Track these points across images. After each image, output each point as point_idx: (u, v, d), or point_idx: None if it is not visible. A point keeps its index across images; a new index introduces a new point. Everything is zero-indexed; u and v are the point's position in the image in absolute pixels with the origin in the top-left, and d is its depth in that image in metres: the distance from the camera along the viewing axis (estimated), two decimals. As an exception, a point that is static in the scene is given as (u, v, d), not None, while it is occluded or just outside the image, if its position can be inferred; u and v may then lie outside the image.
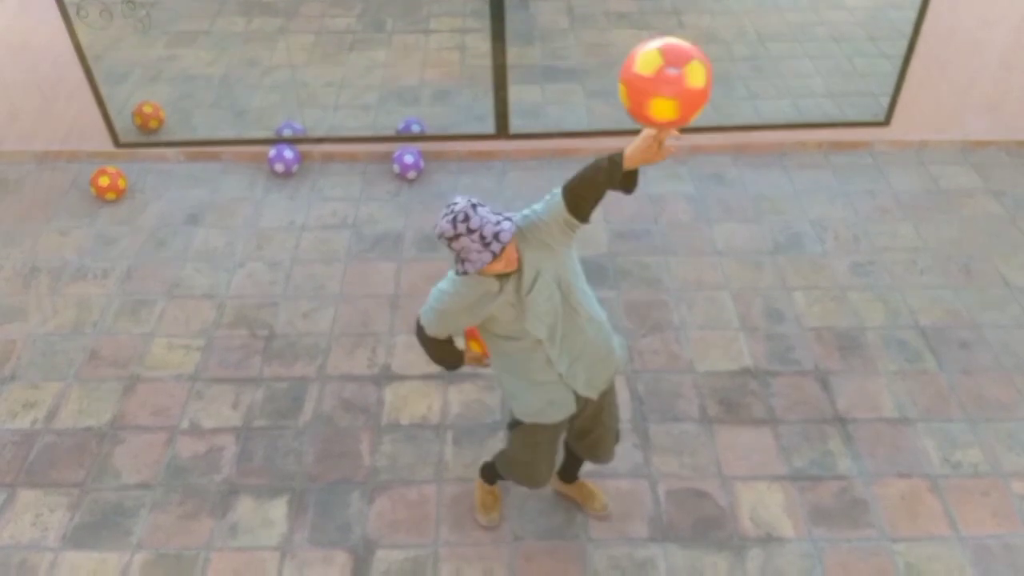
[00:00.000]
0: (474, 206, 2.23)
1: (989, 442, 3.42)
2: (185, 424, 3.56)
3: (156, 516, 3.22)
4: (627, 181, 2.24)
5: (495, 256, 2.20)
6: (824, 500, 3.23)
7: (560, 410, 2.62)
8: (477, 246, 2.20)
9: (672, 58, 1.92)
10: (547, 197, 2.36)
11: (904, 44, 4.74)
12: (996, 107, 4.92)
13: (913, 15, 4.63)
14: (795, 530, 3.14)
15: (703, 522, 3.17)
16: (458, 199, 2.27)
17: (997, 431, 3.46)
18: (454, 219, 2.21)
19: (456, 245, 2.23)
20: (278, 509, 3.24)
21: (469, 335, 2.73)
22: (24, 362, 3.84)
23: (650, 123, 2.02)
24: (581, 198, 2.27)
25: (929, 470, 3.33)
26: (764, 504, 3.22)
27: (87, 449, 3.47)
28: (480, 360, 2.75)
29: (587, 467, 3.30)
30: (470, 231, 2.20)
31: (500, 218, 2.24)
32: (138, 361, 3.84)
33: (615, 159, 2.20)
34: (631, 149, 2.16)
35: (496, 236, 2.20)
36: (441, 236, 2.24)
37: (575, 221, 2.31)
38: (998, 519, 3.15)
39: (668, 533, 3.13)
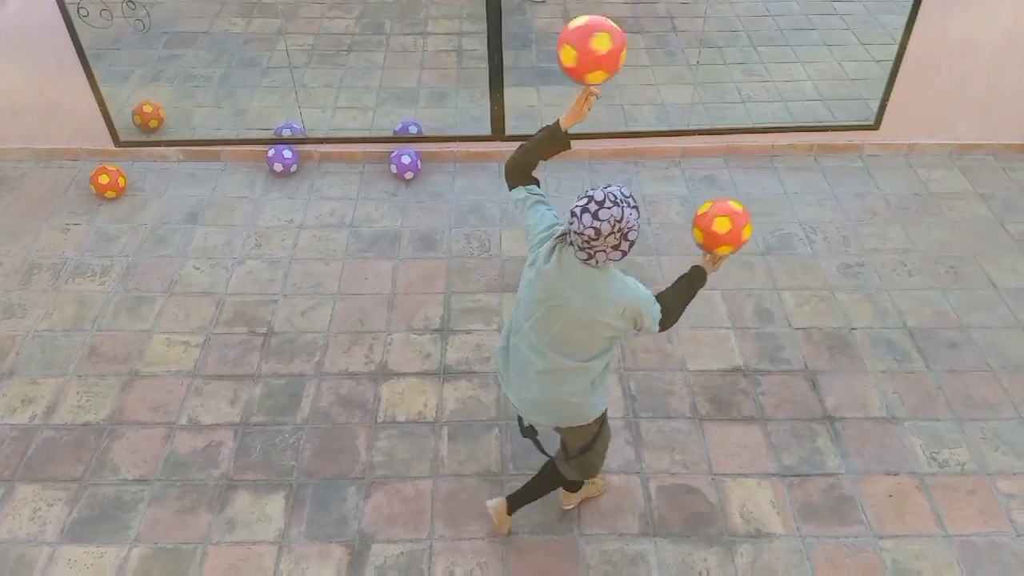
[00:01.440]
0: (618, 188, 2.29)
1: (975, 441, 3.48)
2: (183, 420, 3.61)
3: (154, 510, 3.26)
4: (566, 142, 2.53)
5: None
6: (813, 497, 3.29)
7: None
8: (635, 213, 2.28)
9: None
10: (526, 202, 2.53)
11: (894, 49, 4.81)
12: (985, 111, 4.99)
13: (904, 20, 4.69)
14: (784, 526, 3.19)
15: (694, 518, 3.22)
16: (595, 191, 2.26)
17: (983, 430, 3.52)
18: (624, 197, 2.25)
19: (634, 220, 2.26)
20: (275, 504, 3.28)
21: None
22: (23, 358, 3.88)
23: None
24: (530, 179, 2.58)
25: (916, 468, 3.39)
26: (754, 500, 3.27)
27: (85, 444, 3.50)
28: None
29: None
30: (634, 204, 2.28)
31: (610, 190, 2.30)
32: (137, 357, 3.88)
33: (554, 129, 2.49)
34: (566, 116, 2.47)
35: (632, 196, 2.31)
36: (630, 228, 2.25)
37: None
38: (984, 517, 3.21)
39: (659, 528, 3.18)
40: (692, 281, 2.65)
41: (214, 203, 4.84)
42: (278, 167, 4.98)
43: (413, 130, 5.17)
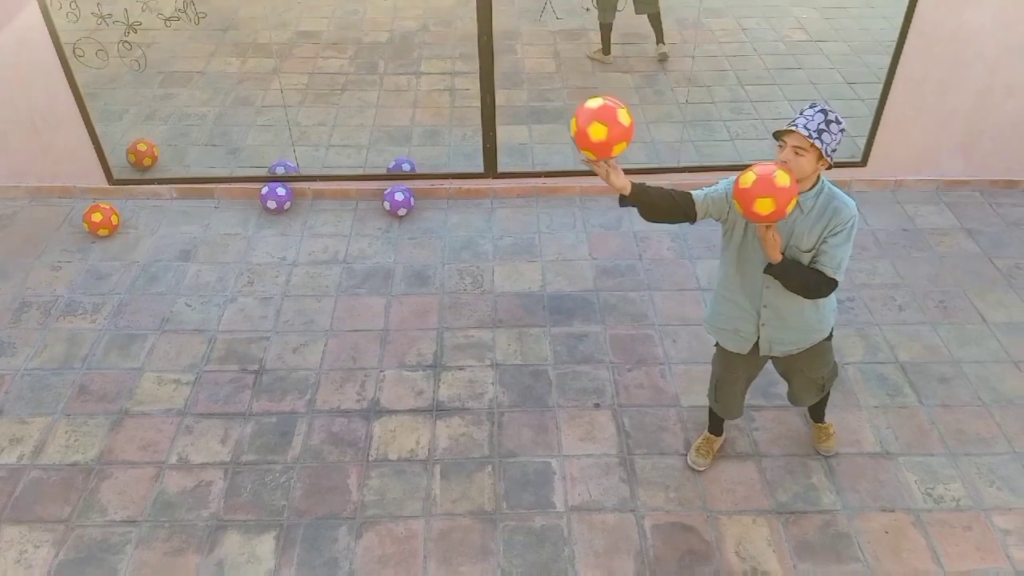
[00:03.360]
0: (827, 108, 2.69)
1: (970, 476, 3.47)
2: (173, 459, 3.56)
3: (142, 552, 3.21)
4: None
5: (782, 132, 2.70)
6: (809, 534, 3.26)
7: (739, 343, 3.13)
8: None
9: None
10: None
11: (879, 88, 4.90)
12: (969, 148, 5.07)
13: (888, 60, 4.80)
14: (780, 564, 3.16)
15: (689, 556, 3.19)
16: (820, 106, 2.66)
17: (978, 465, 3.52)
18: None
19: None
20: (265, 544, 3.23)
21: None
22: (12, 397, 3.84)
23: None
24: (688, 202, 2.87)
25: (912, 504, 3.37)
26: (749, 538, 3.25)
27: (73, 485, 3.46)
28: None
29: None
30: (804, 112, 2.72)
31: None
32: (127, 396, 3.85)
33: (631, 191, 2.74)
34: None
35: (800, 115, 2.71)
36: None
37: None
38: (981, 553, 3.19)
39: (655, 568, 3.15)
40: None
41: (207, 240, 4.85)
42: (271, 204, 5.01)
43: (406, 167, 5.22)
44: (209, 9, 6.17)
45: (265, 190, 5.01)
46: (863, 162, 5.15)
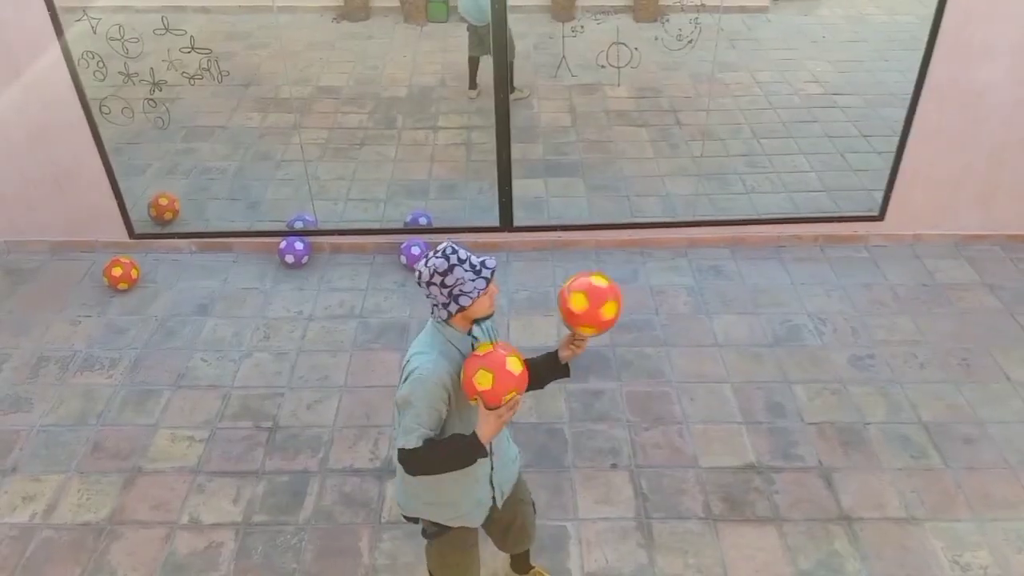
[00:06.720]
0: (454, 245, 2.37)
1: (997, 542, 3.36)
2: (185, 519, 3.54)
3: (151, 615, 3.17)
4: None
5: (488, 282, 2.31)
6: (832, 603, 3.16)
7: (483, 512, 2.68)
8: (470, 275, 2.30)
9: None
10: None
11: (895, 141, 4.90)
12: (987, 202, 5.04)
13: (903, 113, 4.80)
14: (804, 635, 3.06)
15: (709, 626, 3.09)
16: (438, 246, 2.37)
17: (1005, 530, 3.41)
18: (444, 254, 2.30)
19: (449, 279, 2.28)
20: (275, 609, 3.18)
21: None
22: (27, 453, 3.85)
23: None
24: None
25: (938, 572, 3.26)
26: (771, 607, 3.15)
27: (84, 545, 3.43)
28: (515, 405, 2.42)
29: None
30: (460, 261, 2.30)
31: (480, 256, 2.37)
32: (141, 453, 3.84)
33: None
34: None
35: (483, 264, 2.33)
36: (434, 273, 2.29)
37: None
38: (1012, 624, 3.08)
39: (673, 638, 3.06)
40: (461, 447, 2.35)
41: (224, 295, 4.88)
42: (290, 259, 5.05)
43: (423, 221, 5.26)
44: (232, 66, 6.33)
45: (283, 244, 5.06)
46: (880, 216, 5.13)
